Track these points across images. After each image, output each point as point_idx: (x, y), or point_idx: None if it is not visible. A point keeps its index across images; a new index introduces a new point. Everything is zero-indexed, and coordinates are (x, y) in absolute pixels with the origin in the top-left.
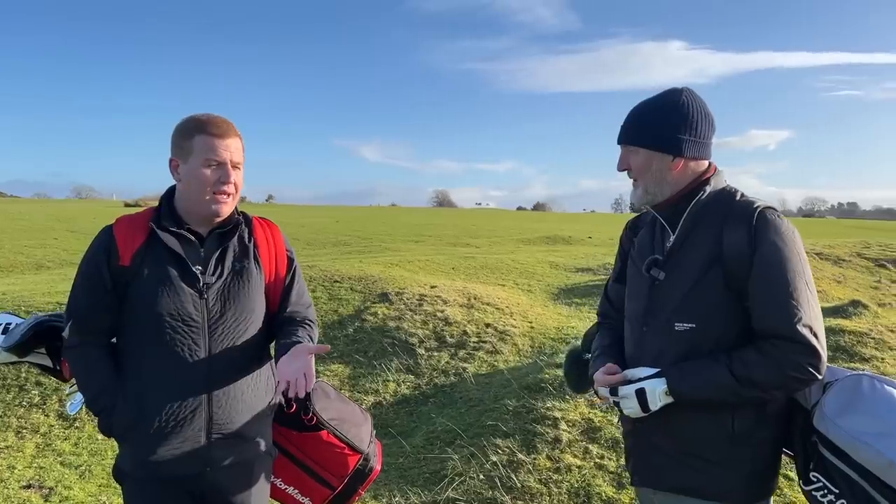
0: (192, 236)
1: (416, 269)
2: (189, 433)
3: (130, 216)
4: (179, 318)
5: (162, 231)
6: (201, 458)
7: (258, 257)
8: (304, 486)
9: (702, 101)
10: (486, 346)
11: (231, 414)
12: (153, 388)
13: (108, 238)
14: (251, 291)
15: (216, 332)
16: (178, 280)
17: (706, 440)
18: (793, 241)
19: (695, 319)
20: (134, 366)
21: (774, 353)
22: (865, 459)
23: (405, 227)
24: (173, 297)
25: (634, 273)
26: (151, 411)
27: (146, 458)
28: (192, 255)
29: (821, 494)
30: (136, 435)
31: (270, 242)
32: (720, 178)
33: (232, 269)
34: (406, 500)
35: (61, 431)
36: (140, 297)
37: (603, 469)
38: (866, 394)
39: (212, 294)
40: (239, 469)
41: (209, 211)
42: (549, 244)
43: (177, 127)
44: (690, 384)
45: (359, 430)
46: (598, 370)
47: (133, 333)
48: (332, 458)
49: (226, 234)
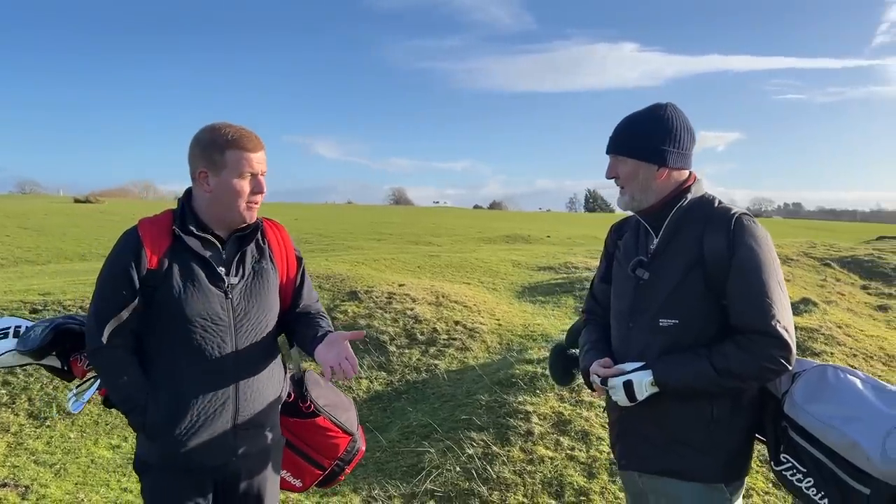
0: (214, 239)
1: (383, 268)
2: (218, 425)
3: (151, 219)
4: (209, 318)
5: (187, 235)
6: (229, 448)
7: (273, 257)
8: (297, 469)
9: (684, 115)
10: (455, 343)
11: (254, 405)
12: (186, 386)
13: (135, 240)
14: (269, 290)
15: (241, 329)
16: (205, 281)
17: (688, 427)
18: (767, 244)
19: (678, 316)
20: (165, 365)
21: (751, 346)
22: (833, 442)
23: (365, 225)
24: (202, 298)
25: (620, 273)
26: (186, 407)
27: (178, 451)
28: (215, 257)
29: (790, 474)
30: (169, 430)
31: (281, 243)
32: (700, 186)
33: (252, 269)
34: (385, 492)
35: (32, 430)
36: (169, 299)
37: (574, 460)
38: (831, 382)
39: (235, 294)
40: (259, 457)
41: (241, 218)
42: (510, 243)
43: (204, 139)
44: (675, 376)
45: (348, 414)
46: (591, 362)
47: (163, 334)
48: (325, 441)
49: (245, 237)
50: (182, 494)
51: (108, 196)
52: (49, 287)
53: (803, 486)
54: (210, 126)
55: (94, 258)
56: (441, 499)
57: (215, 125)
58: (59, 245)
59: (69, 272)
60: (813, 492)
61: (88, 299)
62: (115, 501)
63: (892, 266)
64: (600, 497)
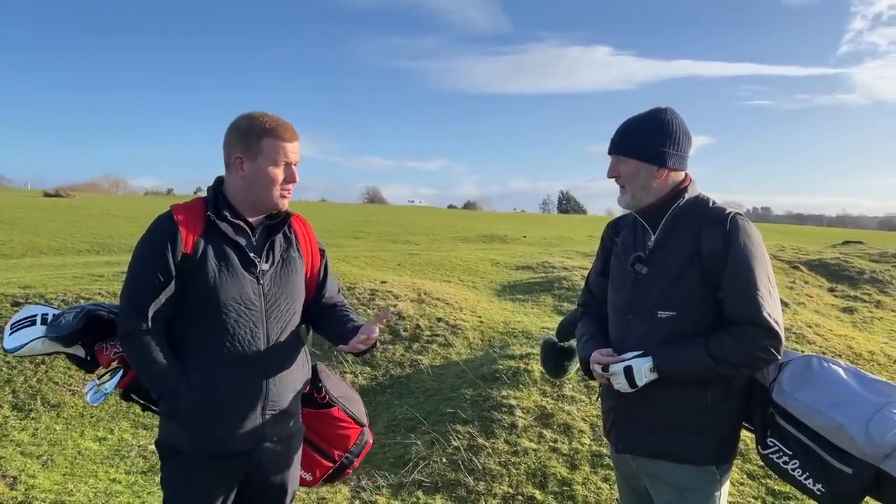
0: (246, 226)
1: (363, 265)
2: (248, 411)
3: (186, 205)
4: (242, 303)
5: (221, 220)
6: (257, 434)
7: (300, 248)
8: (308, 462)
9: (682, 119)
10: (438, 340)
11: (282, 392)
12: (219, 371)
13: (170, 225)
14: (297, 278)
15: (272, 315)
16: (238, 266)
17: (683, 412)
18: (759, 242)
19: (675, 308)
20: (197, 350)
21: (744, 336)
22: (818, 425)
23: (342, 223)
24: (235, 282)
25: (618, 268)
26: (218, 393)
27: (208, 436)
28: (247, 243)
29: (777, 457)
30: (200, 415)
31: (306, 236)
32: (695, 187)
33: (281, 257)
34: (374, 482)
35: (17, 422)
36: (204, 283)
37: (557, 451)
38: (816, 371)
39: (266, 280)
40: (283, 444)
41: (274, 205)
42: (487, 242)
43: (242, 126)
44: (673, 362)
45: (358, 405)
46: (590, 352)
47: (196, 318)
48: (337, 432)
49: (274, 226)
50: (211, 480)
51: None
52: (29, 280)
53: (789, 468)
54: (248, 114)
55: (69, 252)
56: (428, 489)
57: (253, 114)
58: (32, 239)
59: (46, 266)
60: (798, 473)
61: (70, 293)
62: (104, 492)
63: (857, 270)
64: (583, 487)
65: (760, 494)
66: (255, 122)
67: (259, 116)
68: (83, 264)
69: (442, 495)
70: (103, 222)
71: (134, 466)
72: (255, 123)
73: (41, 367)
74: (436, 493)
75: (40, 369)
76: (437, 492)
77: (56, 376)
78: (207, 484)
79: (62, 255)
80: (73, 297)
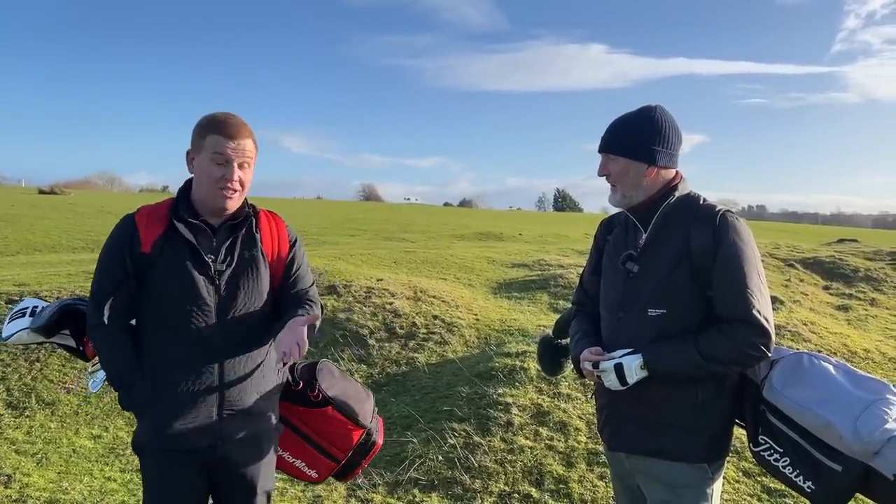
0: (206, 227)
1: (360, 263)
2: (202, 409)
3: (151, 207)
4: (194, 303)
5: (179, 222)
6: (213, 432)
7: (263, 247)
8: (311, 459)
9: (672, 117)
10: (434, 337)
11: (241, 392)
12: (169, 367)
13: (130, 226)
14: (258, 278)
15: (227, 315)
16: (191, 268)
17: (674, 410)
18: (749, 239)
19: (666, 306)
20: (151, 345)
21: (734, 333)
22: (808, 423)
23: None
24: (188, 283)
25: (610, 266)
26: (168, 388)
27: (163, 432)
28: (205, 244)
29: (768, 454)
30: (154, 409)
31: (274, 232)
32: (686, 185)
33: (240, 257)
34: (370, 480)
35: (12, 420)
36: (158, 282)
37: (553, 449)
38: (807, 368)
39: (223, 280)
40: (248, 443)
41: (217, 204)
42: (483, 240)
43: (197, 123)
44: (663, 360)
45: (362, 406)
46: (583, 350)
47: (150, 316)
48: (336, 432)
49: (236, 226)
50: (173, 475)
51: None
52: (23, 278)
53: (780, 465)
54: (210, 113)
55: (64, 250)
56: (425, 487)
57: (214, 112)
58: (27, 237)
59: (41, 263)
60: (789, 470)
61: (64, 290)
62: (99, 490)
63: (852, 268)
64: (579, 485)
65: (756, 492)
66: (207, 118)
67: (214, 114)
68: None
69: (438, 493)
70: (98, 219)
71: (129, 464)
72: (206, 120)
73: (35, 365)
74: (432, 490)
75: (35, 367)
76: (433, 490)
77: (51, 374)
78: (172, 478)
79: (57, 253)
80: (67, 295)
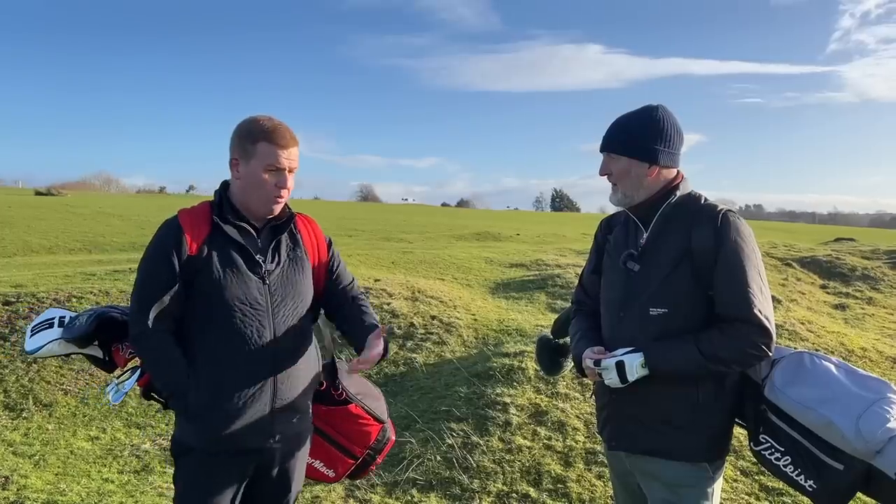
0: (251, 228)
1: (357, 263)
2: (258, 409)
3: (190, 209)
4: (247, 303)
5: (224, 223)
6: (266, 431)
7: (305, 247)
8: (329, 458)
9: (674, 116)
10: (432, 338)
11: (291, 389)
12: (227, 370)
13: (175, 228)
14: (304, 277)
15: (278, 314)
16: (243, 268)
17: (674, 409)
18: (750, 239)
19: (667, 305)
20: (206, 349)
21: (735, 333)
22: (809, 422)
23: (335, 220)
24: (241, 283)
25: (611, 266)
26: (227, 391)
27: (219, 434)
28: (252, 244)
29: (769, 453)
30: (211, 413)
31: (312, 234)
32: (687, 185)
33: (287, 257)
34: (368, 480)
35: (9, 422)
36: (209, 284)
37: (551, 449)
38: (808, 367)
39: (272, 280)
40: (291, 441)
41: (265, 210)
42: (481, 240)
43: (242, 128)
44: (664, 358)
45: (378, 402)
46: (583, 349)
47: (203, 319)
48: (357, 429)
49: (279, 227)
50: (222, 477)
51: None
52: (20, 279)
53: (781, 464)
54: (251, 117)
55: (61, 251)
56: (423, 487)
57: (256, 117)
58: (24, 238)
59: (38, 265)
60: (790, 469)
61: (62, 292)
62: (96, 491)
63: (849, 267)
64: (577, 484)
65: (754, 491)
66: (254, 124)
67: (260, 119)
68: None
69: (436, 493)
70: (95, 221)
71: (127, 466)
72: (254, 126)
73: (32, 367)
74: (430, 491)
75: (32, 368)
76: (431, 490)
77: (48, 375)
78: (218, 480)
79: (54, 254)
80: (64, 296)
